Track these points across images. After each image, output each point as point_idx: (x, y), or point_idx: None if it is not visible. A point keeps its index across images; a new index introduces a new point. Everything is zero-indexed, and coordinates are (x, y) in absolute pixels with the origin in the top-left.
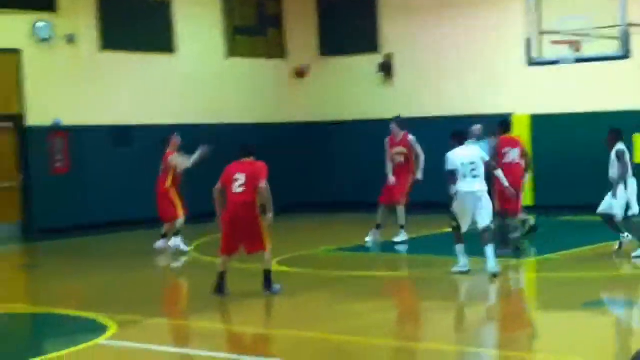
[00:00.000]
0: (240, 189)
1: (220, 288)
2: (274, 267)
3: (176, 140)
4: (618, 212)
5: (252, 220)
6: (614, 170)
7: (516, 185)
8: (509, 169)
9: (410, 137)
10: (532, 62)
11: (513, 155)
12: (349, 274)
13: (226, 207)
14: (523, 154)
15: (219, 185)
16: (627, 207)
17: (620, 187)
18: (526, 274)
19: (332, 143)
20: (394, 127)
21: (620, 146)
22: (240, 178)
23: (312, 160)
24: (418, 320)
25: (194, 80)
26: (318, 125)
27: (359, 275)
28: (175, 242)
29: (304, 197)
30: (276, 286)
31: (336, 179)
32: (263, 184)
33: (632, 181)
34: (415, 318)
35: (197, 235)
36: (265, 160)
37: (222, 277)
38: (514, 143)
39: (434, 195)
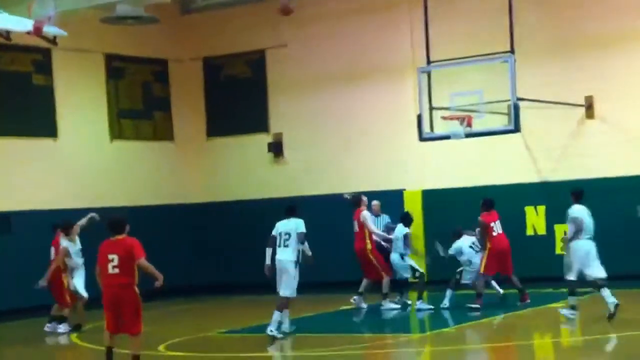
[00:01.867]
0: (115, 270)
1: None
2: (163, 351)
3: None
4: None
5: (130, 301)
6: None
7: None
8: (498, 240)
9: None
10: (423, 138)
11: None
12: (241, 356)
13: (103, 289)
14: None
15: (97, 268)
16: None
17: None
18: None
19: (224, 223)
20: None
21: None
22: (114, 259)
23: (203, 241)
24: None
25: (78, 164)
26: (210, 205)
27: (251, 356)
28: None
29: (194, 279)
30: None
31: (228, 260)
32: (141, 262)
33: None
34: None
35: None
36: (156, 242)
37: (109, 352)
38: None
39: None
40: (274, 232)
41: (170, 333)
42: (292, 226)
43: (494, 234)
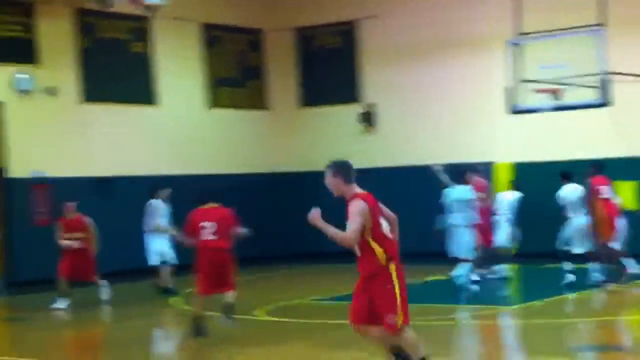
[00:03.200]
0: (213, 236)
1: (199, 330)
2: (258, 316)
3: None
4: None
5: (227, 263)
6: None
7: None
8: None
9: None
10: (512, 110)
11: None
12: (332, 323)
13: (200, 253)
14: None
15: (184, 234)
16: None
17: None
18: (512, 320)
19: (313, 193)
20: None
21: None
22: (209, 226)
23: (292, 210)
24: None
25: (176, 131)
26: (299, 175)
27: (341, 323)
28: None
29: (286, 247)
30: (229, 320)
31: (317, 230)
32: (235, 230)
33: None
34: None
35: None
36: (246, 210)
37: (199, 319)
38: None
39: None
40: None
41: (265, 299)
42: (461, 193)
43: (602, 197)
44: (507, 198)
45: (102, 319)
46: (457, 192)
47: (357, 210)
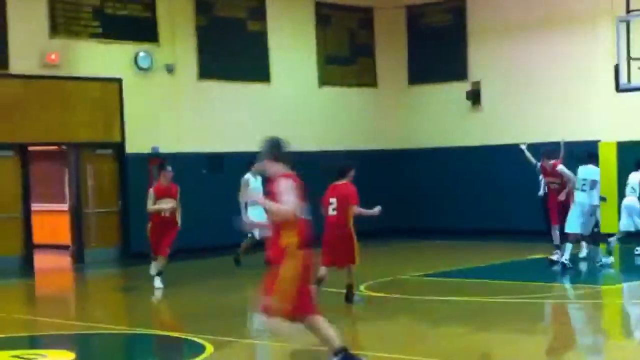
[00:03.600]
0: (334, 212)
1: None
2: (364, 291)
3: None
4: None
5: (345, 238)
6: None
7: None
8: None
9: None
10: (620, 89)
11: None
12: (435, 299)
13: (325, 228)
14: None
15: (322, 207)
16: None
17: None
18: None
19: (422, 169)
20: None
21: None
22: (333, 202)
23: (400, 187)
24: (506, 344)
25: (287, 108)
26: (406, 152)
27: (449, 299)
28: None
29: (392, 223)
30: (357, 297)
31: (424, 206)
32: (353, 208)
33: None
34: (502, 343)
35: None
36: (357, 186)
37: (320, 280)
38: None
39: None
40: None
41: (369, 274)
42: (592, 172)
43: None
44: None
45: (201, 291)
46: (587, 172)
47: (288, 185)
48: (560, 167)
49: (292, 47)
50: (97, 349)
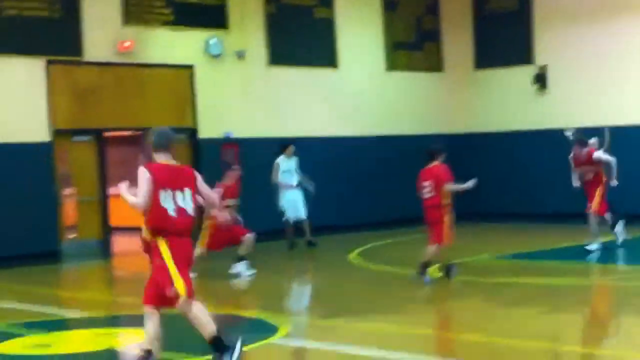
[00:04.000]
0: (428, 195)
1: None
2: (434, 274)
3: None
4: None
5: (438, 218)
6: None
7: None
8: None
9: (596, 154)
10: None
11: None
12: (505, 281)
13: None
14: None
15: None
16: None
17: None
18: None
19: (488, 154)
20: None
21: None
22: (427, 185)
23: (465, 171)
24: (584, 326)
25: (356, 93)
26: (474, 136)
27: (515, 282)
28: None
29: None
30: (427, 278)
31: (490, 189)
32: (447, 185)
33: None
34: (580, 324)
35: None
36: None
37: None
38: None
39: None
40: None
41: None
42: None
43: None
44: None
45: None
46: None
47: (142, 176)
48: (597, 154)
49: (360, 32)
50: (173, 329)
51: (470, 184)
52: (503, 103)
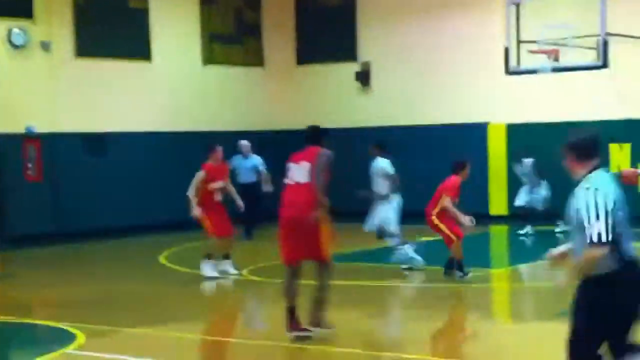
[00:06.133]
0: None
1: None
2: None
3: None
4: None
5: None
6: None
7: None
8: None
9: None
10: (510, 71)
11: None
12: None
13: None
14: None
15: None
16: None
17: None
18: (497, 283)
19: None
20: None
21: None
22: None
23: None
24: (393, 329)
25: (171, 86)
26: (294, 132)
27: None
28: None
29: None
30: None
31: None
32: (446, 200)
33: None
34: (390, 327)
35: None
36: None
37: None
38: None
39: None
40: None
41: (251, 259)
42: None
43: None
44: None
45: None
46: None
47: None
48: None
49: (175, 24)
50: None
51: (466, 219)
52: (325, 100)
